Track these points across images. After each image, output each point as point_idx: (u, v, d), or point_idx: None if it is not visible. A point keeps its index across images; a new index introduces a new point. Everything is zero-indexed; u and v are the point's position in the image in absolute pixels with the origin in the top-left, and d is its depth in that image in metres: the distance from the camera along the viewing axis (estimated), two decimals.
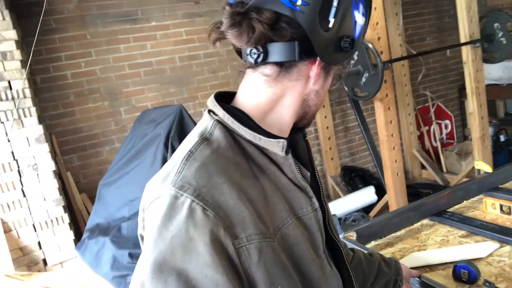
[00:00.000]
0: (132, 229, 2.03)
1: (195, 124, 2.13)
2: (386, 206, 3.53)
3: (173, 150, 1.94)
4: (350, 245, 1.33)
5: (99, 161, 3.23)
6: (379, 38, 2.95)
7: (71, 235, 2.69)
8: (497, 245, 1.39)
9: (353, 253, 0.98)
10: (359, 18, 0.68)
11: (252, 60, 0.65)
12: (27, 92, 2.65)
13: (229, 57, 3.73)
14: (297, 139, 0.81)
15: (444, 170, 4.52)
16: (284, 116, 0.69)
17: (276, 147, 0.64)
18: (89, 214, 2.96)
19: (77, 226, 2.89)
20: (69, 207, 2.87)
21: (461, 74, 5.05)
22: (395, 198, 3.32)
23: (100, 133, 3.23)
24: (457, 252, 1.38)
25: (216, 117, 0.67)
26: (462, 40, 3.28)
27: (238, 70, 0.72)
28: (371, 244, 1.57)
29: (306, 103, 0.71)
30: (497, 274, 1.24)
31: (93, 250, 2.05)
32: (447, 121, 4.84)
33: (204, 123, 0.68)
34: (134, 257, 1.92)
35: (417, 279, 1.17)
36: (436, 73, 4.89)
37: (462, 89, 5.01)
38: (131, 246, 1.96)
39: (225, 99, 0.72)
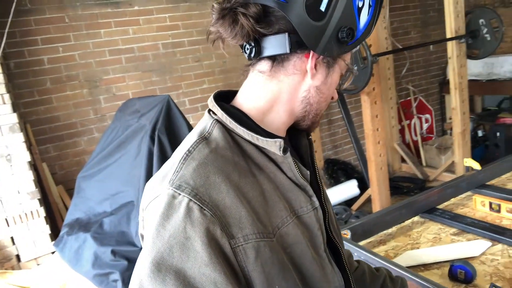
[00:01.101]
0: (115, 225, 1.95)
1: (183, 116, 2.06)
2: (368, 200, 3.56)
3: (160, 143, 1.87)
4: (355, 256, 1.30)
5: (76, 152, 3.09)
6: None
7: (47, 229, 2.57)
8: (489, 243, 1.40)
9: (358, 265, 0.95)
10: (364, 9, 0.66)
11: (246, 56, 0.66)
12: (0, 77, 2.48)
13: (214, 45, 3.63)
14: (300, 137, 0.78)
15: (424, 164, 4.59)
16: (281, 114, 0.69)
17: (274, 147, 0.64)
18: (66, 207, 2.83)
19: (54, 220, 2.77)
20: (45, 200, 2.74)
21: (442, 69, 5.13)
22: (378, 192, 3.34)
23: (78, 122, 3.09)
24: (451, 251, 1.38)
25: (215, 117, 0.67)
26: (448, 35, 3.30)
27: (241, 70, 0.73)
28: (364, 242, 1.55)
29: (306, 100, 0.69)
30: (492, 273, 1.24)
31: (72, 247, 1.96)
32: (428, 115, 4.91)
33: (204, 122, 0.68)
34: (117, 254, 1.84)
35: (414, 278, 1.15)
36: (419, 67, 4.94)
37: (443, 84, 5.08)
38: (114, 243, 1.88)
39: (226, 98, 0.72)
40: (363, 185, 3.82)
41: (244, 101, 0.70)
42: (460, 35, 3.25)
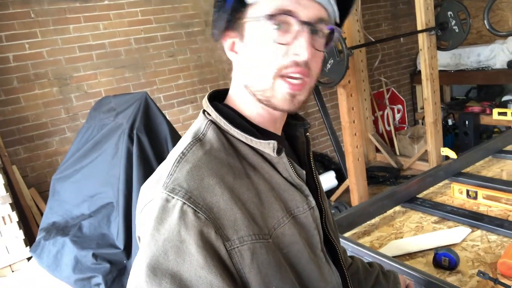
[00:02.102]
0: (95, 227, 1.89)
1: (162, 113, 2.01)
2: (346, 190, 3.61)
3: (139, 141, 1.82)
4: (348, 252, 1.31)
5: (48, 153, 2.98)
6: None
7: (20, 235, 2.46)
8: (468, 230, 1.45)
9: (352, 261, 0.95)
10: None
11: None
12: None
13: (188, 39, 3.57)
14: (297, 134, 0.77)
15: (398, 153, 4.71)
16: (252, 106, 0.68)
17: (267, 148, 0.63)
18: (40, 210, 2.73)
19: (28, 225, 2.66)
20: (17, 205, 2.62)
21: (413, 60, 5.26)
22: (356, 182, 3.40)
23: (49, 122, 2.97)
24: (434, 239, 1.42)
25: (210, 118, 0.67)
26: (419, 28, 3.37)
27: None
28: (349, 233, 1.58)
29: (245, 83, 0.66)
30: (473, 259, 1.28)
31: (51, 252, 1.88)
32: (400, 106, 5.02)
33: (198, 123, 0.68)
34: (98, 257, 1.78)
35: (402, 268, 1.18)
36: (391, 59, 5.04)
37: (413, 74, 5.21)
38: (94, 246, 1.82)
39: (223, 96, 0.72)
40: (341, 176, 3.88)
41: (232, 98, 0.70)
42: (430, 27, 3.33)
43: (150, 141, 1.82)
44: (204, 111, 0.69)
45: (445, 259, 1.25)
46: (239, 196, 0.59)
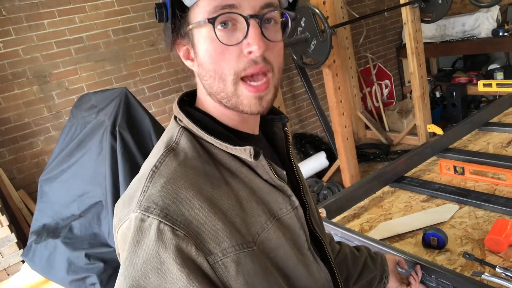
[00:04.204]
0: (86, 227, 1.87)
1: (143, 108, 1.98)
2: (338, 170, 3.63)
3: (122, 139, 1.79)
4: (337, 237, 1.31)
5: (34, 153, 2.93)
6: (324, 2, 2.90)
7: (13, 238, 2.44)
8: (456, 206, 1.46)
9: (340, 247, 0.95)
10: None
11: None
12: None
13: None
14: (275, 130, 0.75)
15: (387, 129, 4.72)
16: (223, 111, 0.65)
17: (244, 154, 0.60)
18: (30, 212, 2.70)
19: (19, 227, 2.64)
20: (6, 208, 2.60)
21: (398, 34, 5.21)
22: (346, 162, 3.41)
23: (32, 122, 2.91)
24: (422, 219, 1.43)
25: (182, 124, 0.64)
26: (402, 1, 3.33)
27: None
28: (339, 217, 1.58)
29: (207, 92, 0.64)
30: (462, 236, 1.29)
31: (43, 255, 1.87)
32: (387, 81, 5.01)
33: (171, 130, 0.65)
34: (91, 257, 1.78)
35: (390, 251, 1.18)
36: (376, 34, 4.99)
37: (399, 48, 5.18)
38: (87, 245, 1.81)
39: (194, 96, 0.69)
40: (332, 156, 3.89)
41: (201, 100, 0.67)
42: (413, 0, 3.29)
43: (133, 137, 1.79)
44: (175, 116, 0.66)
45: (433, 239, 1.25)
46: (219, 206, 0.56)
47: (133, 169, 1.81)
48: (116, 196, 1.82)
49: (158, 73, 3.54)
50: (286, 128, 0.76)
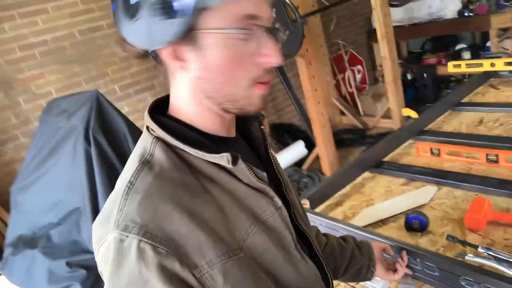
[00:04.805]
0: (65, 235, 1.82)
1: (117, 110, 1.92)
2: (317, 157, 3.66)
3: (97, 143, 1.74)
4: (322, 227, 1.32)
5: (4, 162, 2.82)
6: None
7: None
8: (435, 188, 1.49)
9: (327, 239, 0.95)
10: None
11: None
12: None
13: None
14: (252, 129, 0.74)
15: (362, 113, 4.78)
16: (208, 115, 0.63)
17: (222, 161, 0.59)
18: (4, 223, 2.61)
19: None
20: None
21: (368, 19, 5.26)
22: (325, 149, 3.44)
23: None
24: (403, 202, 1.45)
25: (155, 134, 0.61)
26: None
27: None
28: (322, 206, 1.59)
29: (203, 94, 0.61)
30: (442, 217, 1.32)
31: (21, 267, 1.81)
32: (359, 66, 5.06)
33: (143, 142, 0.62)
34: (73, 265, 1.73)
35: (374, 237, 1.20)
36: (345, 20, 5.02)
37: (370, 33, 5.23)
38: (67, 254, 1.76)
39: (166, 103, 0.66)
40: (310, 144, 3.91)
41: (175, 107, 0.64)
42: None
43: (108, 140, 1.74)
44: (147, 127, 0.63)
45: (415, 222, 1.28)
46: (200, 217, 0.55)
47: (110, 173, 1.77)
48: (94, 201, 1.78)
49: (129, 71, 3.45)
50: (262, 127, 0.75)
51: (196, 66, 0.58)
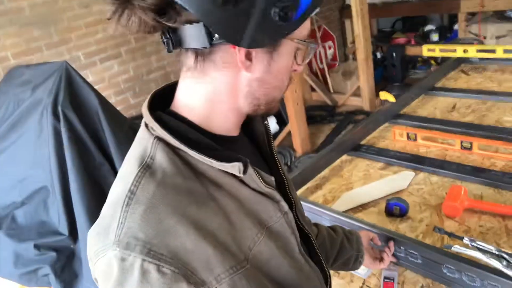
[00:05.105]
0: (31, 215, 1.72)
1: (88, 84, 1.80)
2: (288, 134, 3.67)
3: (67, 119, 1.63)
4: (306, 213, 1.31)
5: None
6: None
7: None
8: (412, 173, 1.53)
9: (317, 230, 0.95)
10: None
11: (166, 49, 0.56)
12: None
13: None
14: (255, 125, 0.71)
15: (331, 90, 4.82)
16: (227, 114, 0.60)
17: (233, 170, 0.56)
18: None
19: None
20: None
21: None
22: (297, 126, 3.46)
23: None
24: (382, 187, 1.48)
25: (155, 133, 0.56)
26: None
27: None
28: (302, 189, 1.60)
29: (250, 95, 0.59)
30: (420, 203, 1.37)
31: None
32: (330, 42, 5.05)
33: (143, 142, 0.57)
34: (42, 247, 1.65)
35: (354, 222, 1.21)
36: None
37: (342, 9, 5.20)
38: (35, 235, 1.67)
39: (168, 93, 0.62)
40: (282, 121, 3.91)
41: (183, 103, 0.60)
42: None
43: (78, 117, 1.63)
44: (146, 124, 0.58)
45: (396, 208, 1.31)
46: (206, 228, 0.52)
47: (81, 151, 1.67)
48: (64, 180, 1.68)
49: (94, 38, 3.25)
50: (266, 122, 0.72)
51: (262, 68, 0.57)
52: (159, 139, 0.55)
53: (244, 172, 0.55)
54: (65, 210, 1.72)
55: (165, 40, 0.55)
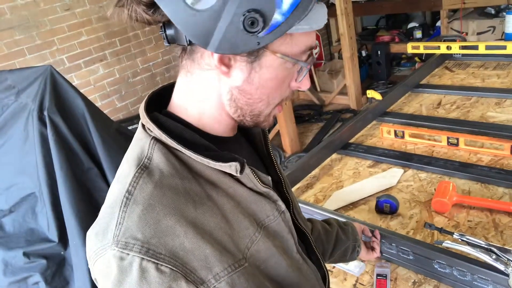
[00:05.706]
0: (19, 223, 1.69)
1: (74, 88, 1.77)
2: (277, 134, 3.68)
3: (53, 124, 1.61)
4: (306, 214, 1.32)
5: None
6: None
7: None
8: (401, 170, 1.55)
9: (312, 225, 0.96)
10: None
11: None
12: None
13: None
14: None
15: (318, 89, 4.85)
16: (218, 118, 0.60)
17: (230, 170, 0.56)
18: None
19: None
20: None
21: None
22: (285, 126, 3.47)
23: None
24: (372, 185, 1.50)
25: (152, 134, 0.57)
26: None
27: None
28: (293, 189, 1.60)
29: (233, 103, 0.58)
30: (410, 199, 1.39)
31: None
32: (316, 41, 5.07)
33: (140, 142, 0.58)
34: (31, 255, 1.62)
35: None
36: None
37: (327, 8, 5.22)
38: (24, 243, 1.64)
39: (165, 95, 0.63)
40: None
41: (179, 104, 0.61)
42: None
43: (65, 121, 1.61)
44: (143, 125, 0.58)
45: (386, 205, 1.33)
46: (204, 228, 0.52)
47: (69, 156, 1.64)
48: (52, 186, 1.65)
49: (77, 40, 3.20)
50: None
51: (242, 77, 0.55)
52: (156, 139, 0.56)
53: (241, 171, 0.56)
54: (54, 216, 1.69)
55: (162, 33, 0.56)
